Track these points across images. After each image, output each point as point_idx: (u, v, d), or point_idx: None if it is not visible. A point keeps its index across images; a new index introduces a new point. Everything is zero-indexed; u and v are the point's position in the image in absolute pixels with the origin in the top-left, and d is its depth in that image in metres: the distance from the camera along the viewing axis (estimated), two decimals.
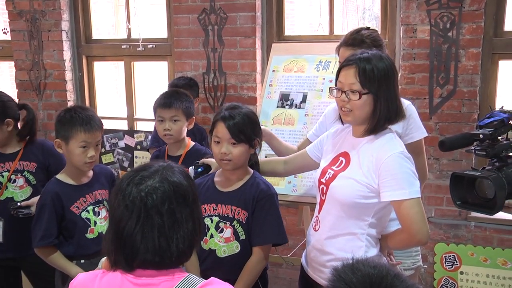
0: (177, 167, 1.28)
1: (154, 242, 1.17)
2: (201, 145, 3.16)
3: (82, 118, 2.09)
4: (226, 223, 1.93)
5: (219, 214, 1.95)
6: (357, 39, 2.11)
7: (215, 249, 1.94)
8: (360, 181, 1.70)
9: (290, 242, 3.54)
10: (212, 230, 1.95)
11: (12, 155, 2.46)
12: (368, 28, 2.21)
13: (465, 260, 3.21)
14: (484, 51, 3.04)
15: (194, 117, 2.56)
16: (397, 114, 1.75)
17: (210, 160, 2.14)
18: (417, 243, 1.75)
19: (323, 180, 1.82)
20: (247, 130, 1.88)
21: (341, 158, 1.81)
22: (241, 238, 1.93)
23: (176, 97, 2.51)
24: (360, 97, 1.69)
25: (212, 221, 1.95)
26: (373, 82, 1.69)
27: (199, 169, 2.15)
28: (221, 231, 1.94)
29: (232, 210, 1.94)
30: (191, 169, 2.18)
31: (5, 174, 2.43)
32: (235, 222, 1.93)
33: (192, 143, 2.60)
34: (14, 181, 2.44)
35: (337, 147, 1.86)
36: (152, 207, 1.18)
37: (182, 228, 1.20)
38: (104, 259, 1.45)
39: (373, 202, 1.70)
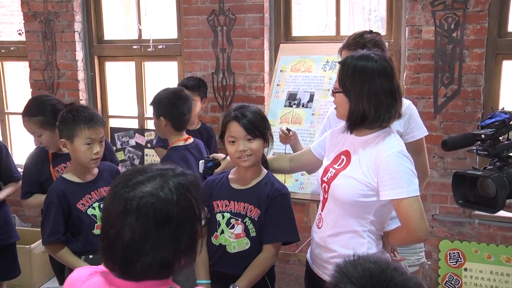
0: (177, 176, 1.17)
1: (123, 251, 1.12)
2: (209, 143, 3.26)
3: (84, 115, 2.16)
4: (238, 220, 1.98)
5: (230, 210, 2.00)
6: (360, 42, 2.15)
7: (225, 245, 2.00)
8: (360, 180, 1.72)
9: None
10: (223, 226, 2.01)
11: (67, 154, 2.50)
12: (371, 32, 2.24)
13: (469, 257, 3.25)
14: (488, 52, 3.08)
15: None
16: (377, 118, 1.73)
17: (220, 156, 2.19)
18: (417, 240, 1.77)
19: (325, 179, 1.85)
20: (260, 125, 1.95)
21: (342, 157, 1.83)
22: (251, 235, 1.98)
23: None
24: (333, 94, 1.79)
25: (223, 217, 2.01)
26: (346, 80, 1.73)
27: (209, 164, 2.19)
28: (232, 227, 1.99)
29: (244, 207, 1.98)
30: (201, 163, 2.23)
31: None
32: (247, 219, 1.98)
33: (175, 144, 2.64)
34: None
35: (339, 145, 1.88)
36: (129, 215, 1.10)
37: (154, 246, 1.10)
38: None
39: (373, 200, 1.73)
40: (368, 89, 1.71)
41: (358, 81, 1.71)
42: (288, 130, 2.27)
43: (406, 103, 2.19)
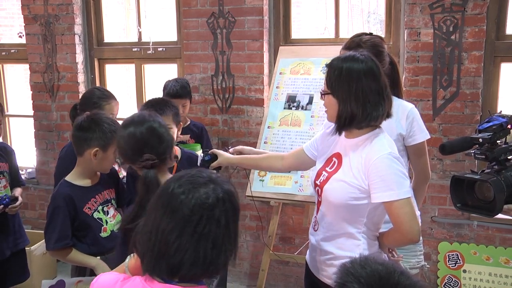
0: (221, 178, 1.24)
1: (206, 253, 1.14)
2: (201, 141, 3.22)
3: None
4: None
5: None
6: (355, 42, 2.17)
7: None
8: (351, 183, 1.73)
9: (297, 240, 3.62)
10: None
11: None
12: (371, 34, 2.25)
13: (468, 259, 3.26)
14: (486, 54, 3.10)
15: (181, 123, 2.59)
16: (365, 117, 1.72)
17: (219, 152, 2.21)
18: (409, 241, 1.77)
19: (318, 182, 1.85)
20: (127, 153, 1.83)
21: (334, 159, 1.84)
22: None
23: (166, 104, 2.43)
24: (321, 97, 1.79)
25: None
26: (333, 82, 1.73)
27: (207, 157, 2.20)
28: None
29: None
30: (199, 156, 2.23)
31: None
32: None
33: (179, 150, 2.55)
34: None
35: (331, 147, 1.89)
36: (212, 216, 1.14)
37: (231, 241, 1.18)
38: (130, 259, 1.41)
39: (365, 203, 1.73)
40: (355, 89, 1.71)
41: (345, 82, 1.72)
42: (226, 149, 2.27)
43: (409, 106, 2.20)
